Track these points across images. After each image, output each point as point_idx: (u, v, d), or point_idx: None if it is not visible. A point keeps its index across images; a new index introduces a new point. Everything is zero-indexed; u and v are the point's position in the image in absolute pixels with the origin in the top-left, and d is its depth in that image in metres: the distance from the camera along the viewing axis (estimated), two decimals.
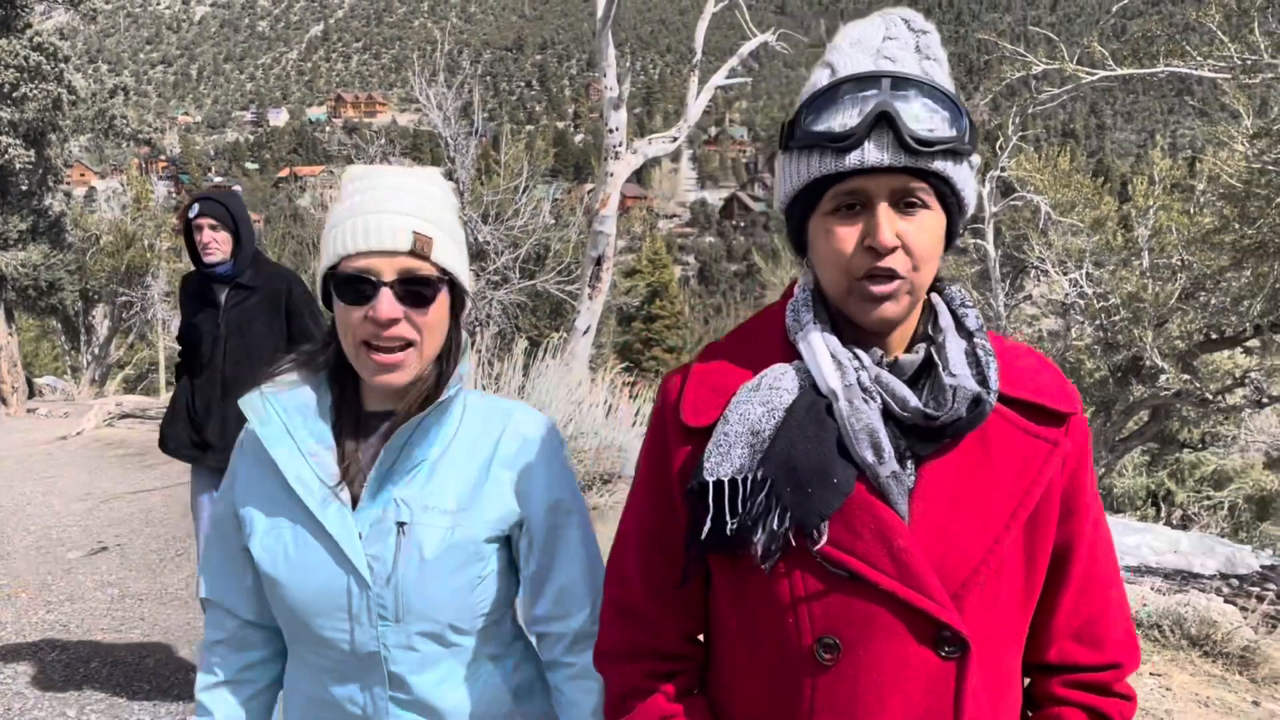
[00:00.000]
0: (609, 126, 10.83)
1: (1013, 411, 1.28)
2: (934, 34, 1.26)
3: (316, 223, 18.60)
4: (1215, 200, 10.93)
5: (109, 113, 18.74)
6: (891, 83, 1.19)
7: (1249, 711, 4.74)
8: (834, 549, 1.22)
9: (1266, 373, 11.39)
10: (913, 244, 1.21)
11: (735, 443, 1.26)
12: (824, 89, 1.23)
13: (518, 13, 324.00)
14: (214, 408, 4.03)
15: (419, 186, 1.51)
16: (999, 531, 1.24)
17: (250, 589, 1.63)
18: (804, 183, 1.24)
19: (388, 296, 1.43)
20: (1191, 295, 11.29)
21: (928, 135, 1.18)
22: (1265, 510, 15.55)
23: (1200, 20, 8.73)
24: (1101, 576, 1.35)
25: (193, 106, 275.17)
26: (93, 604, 5.81)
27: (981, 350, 1.28)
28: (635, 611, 1.42)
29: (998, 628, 1.27)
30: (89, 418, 11.94)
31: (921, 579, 1.20)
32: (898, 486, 1.22)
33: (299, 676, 1.61)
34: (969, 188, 1.25)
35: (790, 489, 1.21)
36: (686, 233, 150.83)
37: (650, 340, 37.57)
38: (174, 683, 4.69)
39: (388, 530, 1.49)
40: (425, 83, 13.86)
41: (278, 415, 1.54)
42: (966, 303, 1.35)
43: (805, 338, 1.30)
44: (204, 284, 4.09)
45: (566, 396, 7.89)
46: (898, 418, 1.23)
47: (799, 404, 1.25)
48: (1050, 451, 1.27)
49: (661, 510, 1.38)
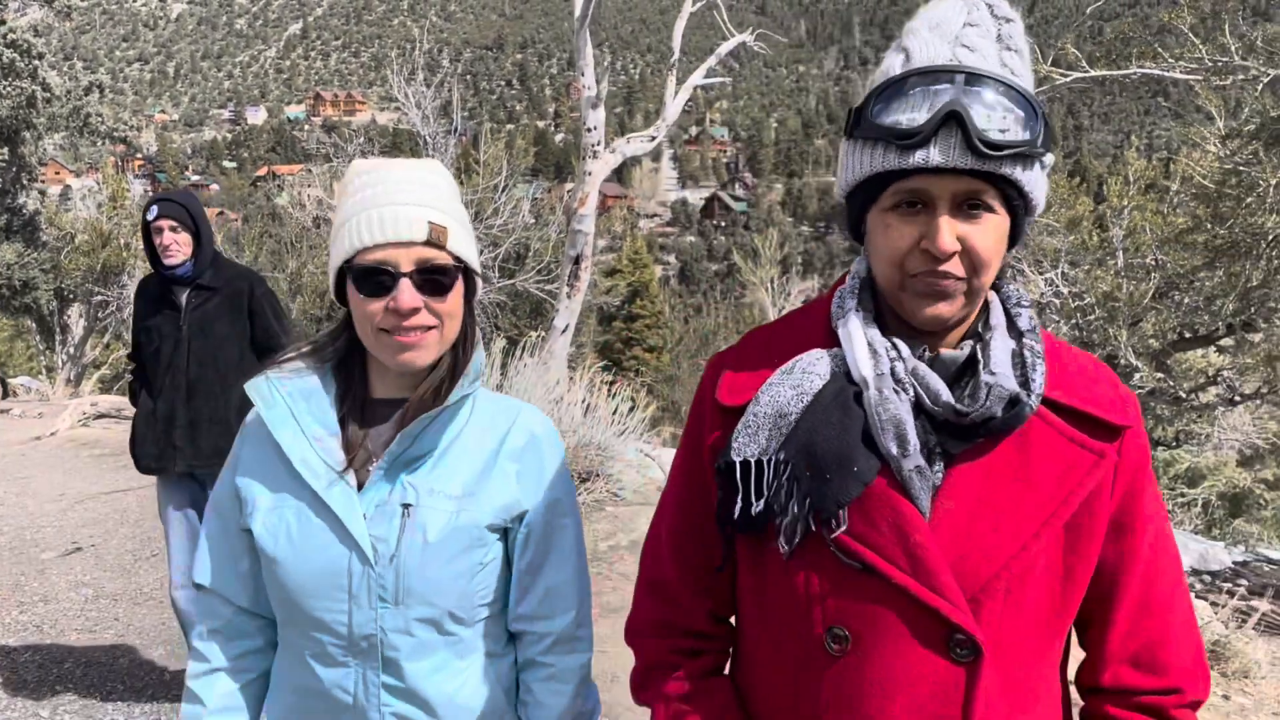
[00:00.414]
0: (587, 126, 10.83)
1: (1059, 418, 1.23)
2: (1018, 23, 1.19)
3: (295, 222, 18.48)
4: (1189, 200, 11.03)
5: (84, 110, 18.56)
6: (966, 78, 1.13)
7: (1219, 706, 4.80)
8: (850, 539, 1.20)
9: (1239, 371, 11.51)
10: (974, 248, 1.16)
11: (763, 424, 1.24)
12: (895, 79, 1.17)
13: (498, 11, 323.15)
14: (179, 411, 3.97)
15: (426, 177, 1.53)
16: (1027, 538, 1.19)
17: (246, 575, 1.62)
18: (865, 176, 1.20)
19: (408, 287, 1.45)
20: (1165, 294, 11.40)
21: (999, 138, 1.12)
22: (1238, 507, 15.72)
23: (1173, 22, 8.82)
24: (1162, 599, 1.28)
25: (170, 104, 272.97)
26: (66, 605, 5.77)
27: (1029, 351, 1.23)
28: (665, 589, 1.43)
29: (1021, 637, 1.22)
30: (64, 418, 11.83)
31: (936, 577, 1.17)
32: (921, 482, 1.19)
33: (288, 665, 1.60)
34: (1039, 190, 1.19)
35: (810, 474, 1.20)
36: (667, 232, 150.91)
37: (631, 339, 37.59)
38: (148, 683, 4.66)
39: (393, 511, 1.50)
40: (404, 81, 13.82)
41: (283, 400, 1.56)
42: (1023, 302, 1.30)
43: (845, 324, 1.27)
44: (163, 286, 4.03)
45: (544, 395, 7.89)
46: (930, 412, 1.20)
47: (828, 389, 1.23)
48: (1095, 463, 1.21)
49: (695, 489, 1.38)
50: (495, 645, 1.62)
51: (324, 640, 1.53)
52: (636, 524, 6.87)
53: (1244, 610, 6.11)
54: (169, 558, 4.07)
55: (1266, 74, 7.72)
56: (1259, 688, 5.07)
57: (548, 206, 17.48)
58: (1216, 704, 4.80)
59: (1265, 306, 10.04)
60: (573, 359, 12.51)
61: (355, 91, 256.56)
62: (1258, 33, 8.29)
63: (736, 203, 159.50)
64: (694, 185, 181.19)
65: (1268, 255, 8.95)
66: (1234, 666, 5.14)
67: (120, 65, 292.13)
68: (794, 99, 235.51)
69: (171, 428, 3.98)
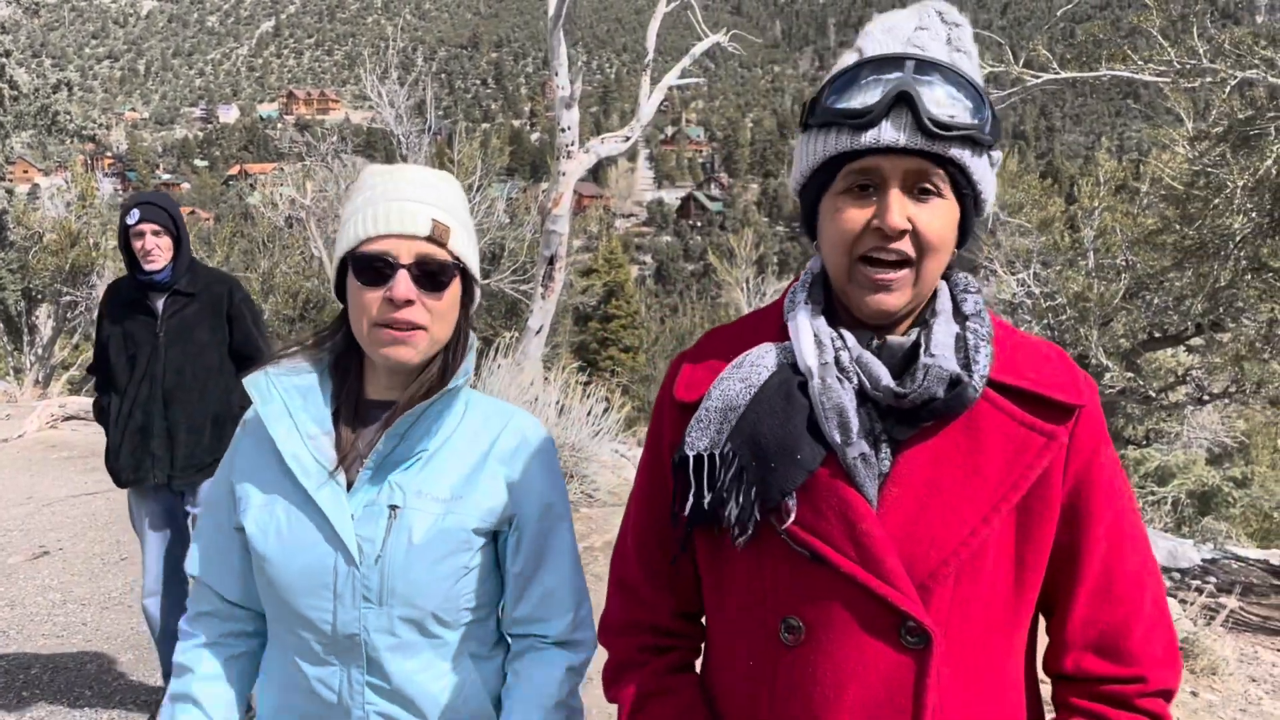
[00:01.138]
0: (562, 126, 10.81)
1: (1007, 400, 1.23)
2: (967, 28, 1.25)
3: (267, 221, 18.34)
4: (1158, 202, 11.15)
5: (52, 108, 18.32)
6: (915, 65, 1.17)
7: (1187, 702, 4.85)
8: (799, 528, 1.21)
9: (1208, 370, 11.64)
10: (923, 229, 1.18)
11: (713, 418, 1.26)
12: (848, 69, 1.22)
13: (472, 10, 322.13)
14: (155, 420, 3.86)
15: (436, 182, 1.57)
16: (976, 523, 1.19)
17: (237, 570, 1.65)
18: (819, 160, 1.23)
19: (404, 278, 1.48)
20: (1135, 295, 11.51)
21: (947, 120, 1.16)
22: (1207, 505, 15.91)
23: (1143, 25, 8.90)
24: (1126, 584, 1.25)
25: (140, 102, 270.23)
26: (33, 609, 5.69)
27: (972, 334, 1.25)
28: (632, 587, 1.45)
29: (974, 622, 1.22)
30: (32, 420, 11.67)
31: (883, 564, 1.17)
32: (866, 469, 1.20)
33: (277, 659, 1.62)
34: (987, 182, 1.23)
35: (755, 463, 1.21)
36: (643, 232, 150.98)
37: (606, 340, 37.55)
38: (116, 689, 4.61)
39: (380, 512, 1.52)
40: (378, 80, 13.74)
41: (279, 395, 1.58)
42: (970, 287, 1.32)
43: (794, 317, 1.29)
44: (137, 291, 3.89)
45: (519, 396, 7.86)
46: (873, 398, 1.21)
47: (773, 380, 1.25)
48: (1044, 444, 1.21)
49: (656, 487, 1.40)
50: (481, 648, 1.63)
51: (309, 638, 1.55)
52: (610, 525, 6.86)
53: (1212, 607, 6.18)
54: (143, 565, 4.00)
55: (1234, 76, 7.81)
56: (1227, 684, 5.13)
57: (523, 206, 17.44)
58: (1185, 700, 4.85)
59: (1233, 306, 10.16)
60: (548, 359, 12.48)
61: (329, 90, 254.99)
62: (1225, 35, 8.38)
63: (712, 203, 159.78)
64: (670, 185, 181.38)
65: (1235, 256, 9.06)
66: (1202, 664, 5.20)
67: (90, 62, 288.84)
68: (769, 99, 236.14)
69: (149, 437, 3.86)
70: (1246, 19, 12.31)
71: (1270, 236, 8.66)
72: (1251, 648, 5.93)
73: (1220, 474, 16.54)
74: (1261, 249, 8.95)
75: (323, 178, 16.53)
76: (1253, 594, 7.70)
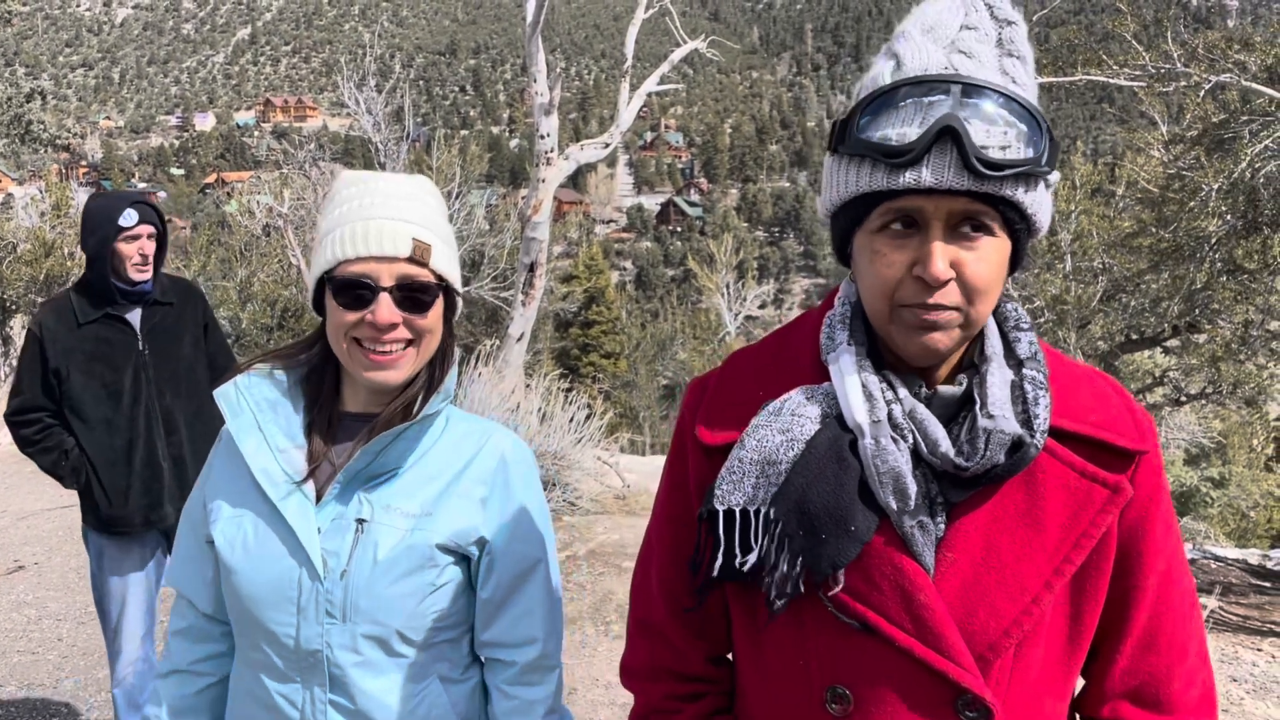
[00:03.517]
0: (540, 133, 10.80)
1: (1068, 449, 1.12)
2: (1021, 25, 1.08)
3: (244, 230, 18.22)
4: (1134, 205, 11.25)
5: (26, 117, 18.17)
6: (963, 89, 1.02)
7: None
8: (849, 597, 1.11)
9: (1185, 371, 11.74)
10: (970, 275, 1.05)
11: (749, 471, 1.14)
12: (884, 89, 1.05)
13: (450, 17, 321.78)
14: (160, 449, 3.39)
15: (414, 192, 1.52)
16: (1038, 590, 1.09)
17: (210, 581, 1.63)
18: (851, 195, 1.09)
19: (387, 302, 1.45)
20: (1112, 297, 11.60)
21: (999, 157, 1.01)
22: (1185, 505, 16.03)
23: (1117, 29, 8.98)
24: (1171, 634, 1.18)
25: (115, 111, 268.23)
26: (7, 625, 5.61)
27: (1030, 383, 1.12)
28: (658, 631, 1.33)
29: (1032, 693, 1.14)
30: (5, 433, 11.53)
31: (943, 638, 1.08)
32: (924, 536, 1.10)
33: (242, 673, 1.60)
34: (1043, 211, 1.08)
35: (803, 533, 1.10)
36: (623, 238, 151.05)
37: (587, 346, 37.49)
38: (92, 705, 4.54)
39: (347, 526, 1.50)
40: (355, 87, 13.69)
41: (249, 408, 1.56)
42: (1022, 324, 1.19)
43: (836, 361, 1.16)
44: (105, 304, 3.35)
45: (500, 404, 7.83)
46: (928, 461, 1.10)
47: (820, 438, 1.12)
48: (1108, 499, 1.11)
49: (681, 526, 1.28)
50: (453, 671, 1.59)
51: (272, 653, 1.52)
52: (593, 533, 6.83)
53: None
54: (116, 634, 3.46)
55: (1208, 80, 7.88)
56: None
57: (502, 213, 17.43)
58: None
59: (1209, 308, 10.25)
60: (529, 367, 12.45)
61: (306, 97, 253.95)
62: (1199, 40, 8.47)
63: (692, 208, 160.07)
64: (649, 191, 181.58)
65: (1211, 258, 9.14)
66: None
67: (64, 71, 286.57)
68: (748, 105, 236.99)
69: (158, 472, 3.37)
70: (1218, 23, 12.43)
71: (1245, 239, 8.74)
72: (1232, 648, 5.96)
73: (1198, 474, 16.69)
74: (1236, 251, 9.03)
75: (300, 185, 16.46)
76: (1232, 594, 7.75)
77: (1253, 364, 10.62)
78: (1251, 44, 7.97)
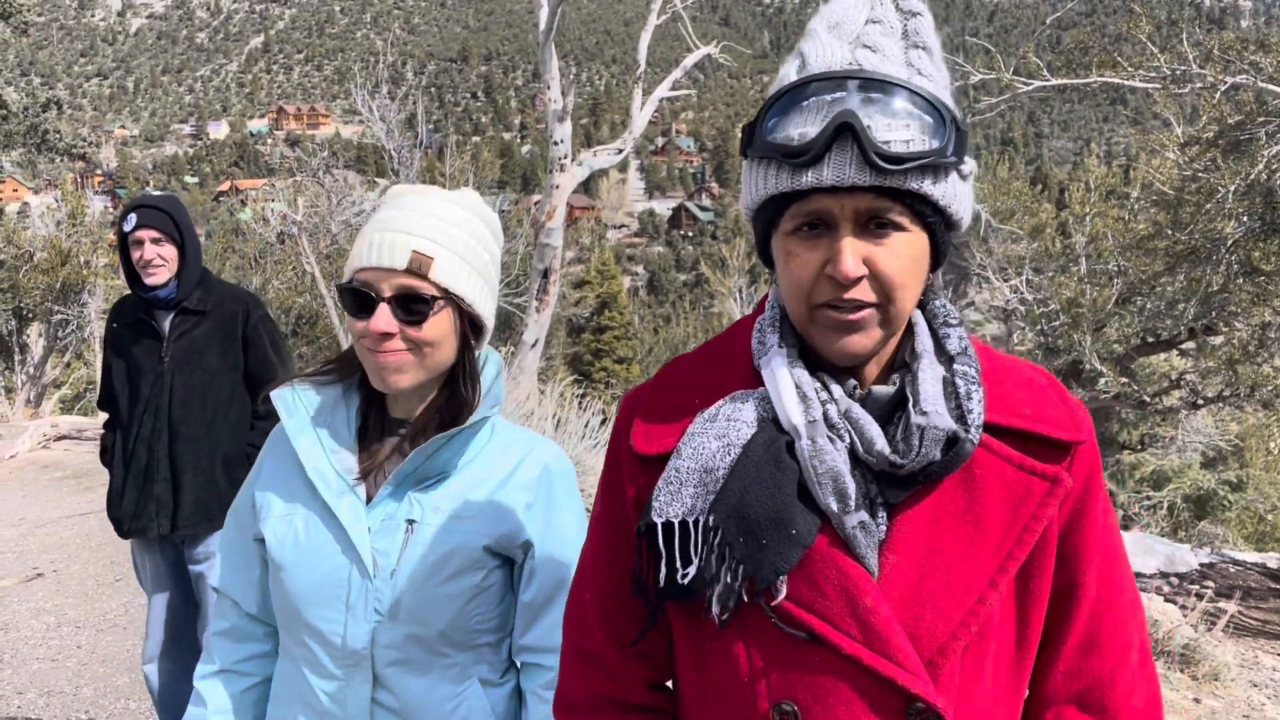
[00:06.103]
0: (554, 139, 10.82)
1: (1004, 443, 1.11)
2: (926, 16, 1.08)
3: (258, 237, 18.31)
4: (1149, 207, 11.20)
5: (41, 127, 18.29)
6: (861, 84, 1.01)
7: (1190, 709, 4.83)
8: (793, 605, 1.08)
9: (1201, 374, 11.67)
10: (883, 270, 1.04)
11: (686, 480, 1.11)
12: (788, 89, 1.05)
13: (462, 24, 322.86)
14: (159, 459, 3.37)
15: (438, 208, 1.56)
16: (983, 589, 1.08)
17: (256, 582, 1.66)
18: (762, 199, 1.08)
19: (384, 311, 1.50)
20: (1128, 300, 11.55)
21: (900, 151, 1.00)
22: (1203, 509, 15.93)
23: (1131, 31, 8.95)
24: (1112, 634, 1.17)
25: (130, 120, 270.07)
26: (27, 633, 5.64)
27: (962, 379, 1.11)
28: (595, 658, 1.28)
29: (982, 696, 1.12)
30: (24, 440, 11.61)
31: (890, 643, 1.06)
32: (866, 537, 1.08)
33: (285, 672, 1.63)
34: (957, 202, 1.07)
35: (743, 539, 1.07)
36: (635, 243, 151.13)
37: (600, 351, 37.54)
38: (112, 712, 4.56)
39: (397, 526, 1.54)
40: (368, 94, 13.73)
41: (304, 409, 1.61)
42: (951, 319, 1.17)
43: (769, 364, 1.14)
44: (141, 310, 3.40)
45: (515, 410, 7.84)
46: (864, 460, 1.09)
47: (757, 441, 1.10)
48: (1048, 491, 1.10)
49: (617, 545, 1.24)
50: (492, 674, 1.62)
51: (318, 650, 1.55)
52: None
53: (1212, 613, 6.17)
54: (146, 626, 3.58)
55: (1224, 81, 7.84)
56: (1229, 690, 5.12)
57: (515, 219, 17.47)
58: (1189, 707, 4.83)
59: (1225, 310, 10.19)
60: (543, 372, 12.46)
61: (319, 105, 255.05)
62: (1214, 41, 8.43)
63: (703, 212, 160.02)
64: (661, 196, 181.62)
65: (1227, 260, 9.09)
66: (1204, 670, 5.19)
67: (79, 80, 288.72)
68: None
69: (152, 480, 3.37)
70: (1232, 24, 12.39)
71: (1261, 240, 8.69)
72: (1252, 652, 5.92)
73: (1215, 477, 16.56)
74: (1253, 253, 8.99)
75: (314, 193, 16.53)
76: (1251, 598, 7.69)
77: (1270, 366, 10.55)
78: (1267, 45, 7.94)
